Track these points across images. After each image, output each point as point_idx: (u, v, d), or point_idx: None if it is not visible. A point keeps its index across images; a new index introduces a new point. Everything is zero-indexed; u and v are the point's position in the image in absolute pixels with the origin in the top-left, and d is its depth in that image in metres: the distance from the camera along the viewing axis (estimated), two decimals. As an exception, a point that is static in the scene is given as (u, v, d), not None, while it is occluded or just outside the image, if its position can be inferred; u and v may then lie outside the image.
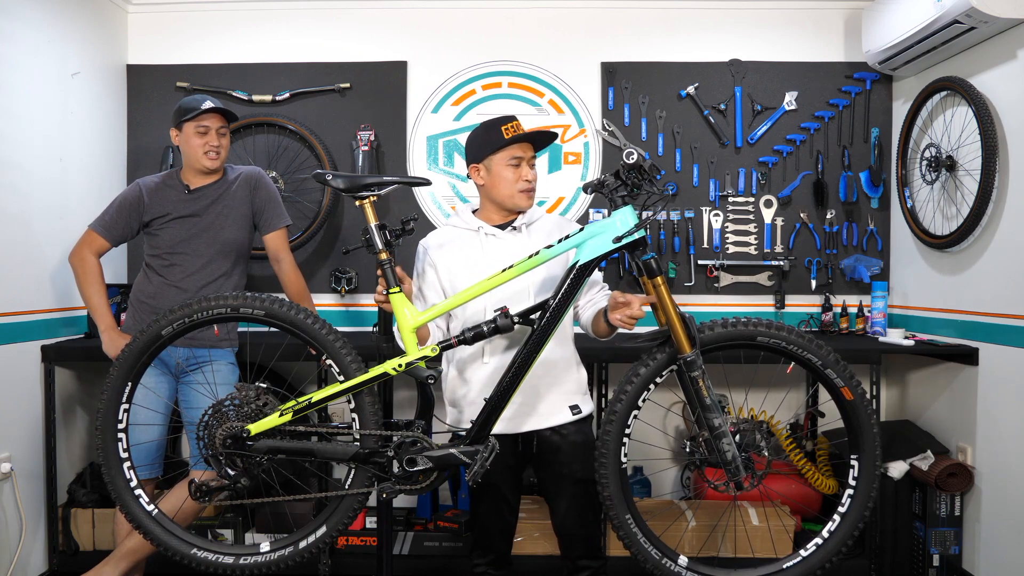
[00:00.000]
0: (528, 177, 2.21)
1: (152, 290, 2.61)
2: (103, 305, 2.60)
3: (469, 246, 2.24)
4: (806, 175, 3.46)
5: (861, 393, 1.94)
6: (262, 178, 2.72)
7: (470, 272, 2.15)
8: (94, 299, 2.60)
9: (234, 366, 2.69)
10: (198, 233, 2.60)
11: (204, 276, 2.60)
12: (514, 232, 2.24)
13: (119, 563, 2.51)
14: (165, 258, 2.60)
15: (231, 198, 2.65)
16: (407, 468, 1.96)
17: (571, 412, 2.22)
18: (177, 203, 2.61)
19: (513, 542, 2.40)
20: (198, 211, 2.61)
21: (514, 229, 2.24)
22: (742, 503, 3.06)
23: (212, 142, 2.59)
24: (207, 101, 2.59)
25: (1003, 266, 2.75)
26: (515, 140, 2.18)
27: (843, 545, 1.97)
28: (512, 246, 2.20)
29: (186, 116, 2.57)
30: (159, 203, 2.60)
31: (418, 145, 3.52)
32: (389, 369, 1.96)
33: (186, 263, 2.59)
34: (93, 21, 3.25)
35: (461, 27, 3.51)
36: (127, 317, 2.68)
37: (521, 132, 2.19)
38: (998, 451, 2.78)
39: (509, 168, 2.19)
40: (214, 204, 2.63)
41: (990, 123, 2.72)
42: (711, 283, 3.48)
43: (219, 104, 2.61)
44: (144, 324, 2.38)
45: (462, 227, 2.28)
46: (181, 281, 2.59)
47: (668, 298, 1.91)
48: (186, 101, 2.62)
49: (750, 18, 3.49)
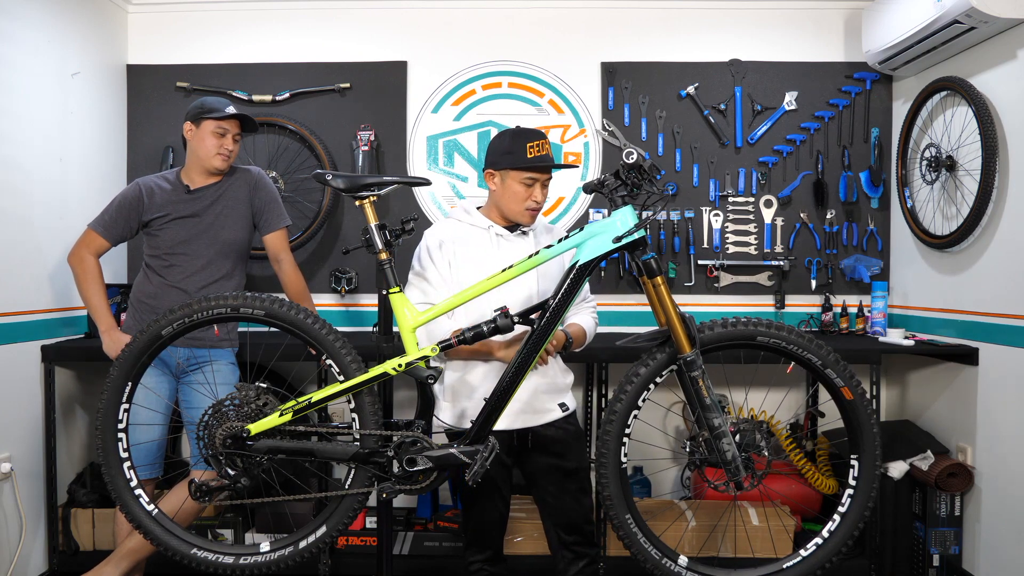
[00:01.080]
0: (537, 198, 2.24)
1: (152, 290, 2.60)
2: (103, 306, 2.60)
3: (481, 244, 2.27)
4: (806, 175, 3.46)
5: (861, 393, 1.94)
6: (262, 178, 2.72)
7: (480, 270, 2.15)
8: (94, 300, 2.60)
9: (234, 366, 2.69)
10: (198, 234, 2.60)
11: (205, 277, 2.60)
12: (524, 235, 2.29)
13: (119, 563, 2.51)
14: (165, 259, 2.60)
15: (231, 198, 2.65)
16: (407, 468, 1.96)
17: (560, 409, 2.29)
18: (177, 203, 2.60)
19: (508, 540, 2.42)
20: (198, 211, 2.60)
21: (524, 233, 2.29)
22: (742, 503, 3.06)
23: (228, 145, 2.59)
24: (231, 106, 2.61)
25: (1003, 266, 2.75)
26: (534, 167, 2.21)
27: (843, 545, 1.96)
28: (524, 248, 2.24)
29: (209, 114, 2.56)
30: (159, 203, 2.59)
31: (418, 145, 3.52)
32: (389, 369, 1.96)
33: (186, 264, 2.59)
34: (93, 21, 3.25)
35: (461, 27, 3.51)
36: (127, 317, 2.68)
37: (545, 156, 2.21)
38: (998, 451, 2.78)
39: (522, 186, 2.23)
40: (214, 204, 2.62)
41: (990, 123, 2.72)
42: (711, 283, 3.48)
43: (244, 113, 2.63)
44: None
45: (468, 223, 2.30)
46: (182, 282, 2.58)
47: (668, 298, 1.91)
48: (210, 100, 2.62)
49: (750, 18, 3.49)
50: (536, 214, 2.28)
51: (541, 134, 2.24)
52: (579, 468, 2.30)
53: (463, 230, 2.29)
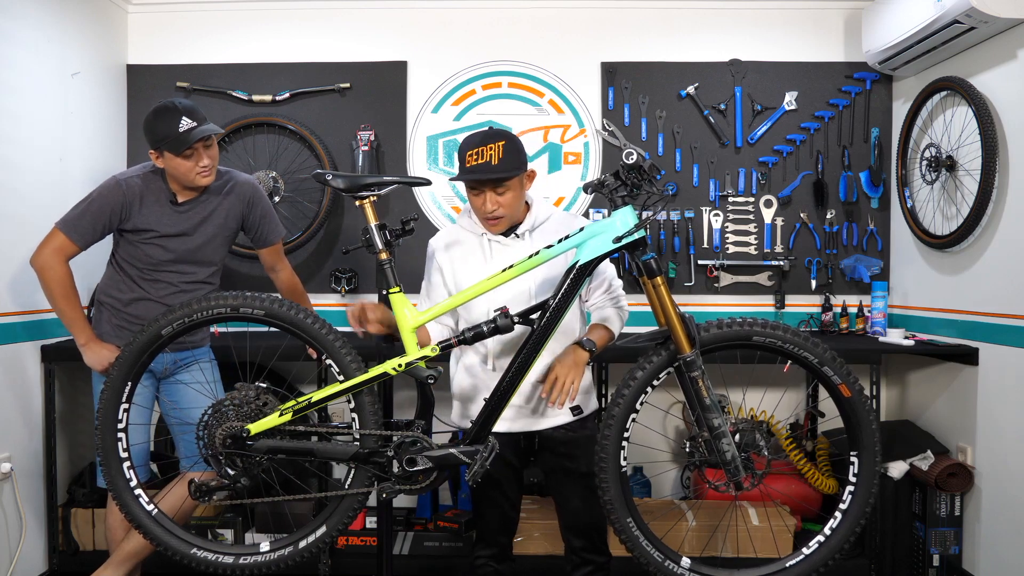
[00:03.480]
0: (487, 208, 2.10)
1: (130, 298, 2.46)
2: (79, 317, 2.40)
3: (474, 250, 2.22)
4: (806, 175, 3.46)
5: (859, 390, 1.94)
6: (257, 192, 2.57)
7: (475, 275, 2.11)
8: (69, 312, 2.38)
9: (215, 361, 2.65)
10: (187, 253, 2.46)
11: (190, 289, 2.49)
12: (517, 239, 2.19)
13: (120, 566, 2.47)
14: (147, 273, 2.45)
15: (222, 215, 2.49)
16: (407, 468, 1.96)
17: (572, 414, 2.21)
18: (163, 219, 2.41)
19: (514, 541, 2.40)
20: (187, 230, 2.44)
21: (517, 236, 2.19)
22: (742, 503, 3.06)
23: (202, 162, 2.35)
24: (184, 121, 2.29)
25: (1003, 266, 2.75)
26: (461, 178, 2.10)
27: (845, 542, 1.97)
28: (518, 252, 2.14)
29: (165, 145, 2.30)
30: (143, 216, 2.40)
31: (418, 145, 3.52)
32: (389, 369, 1.96)
33: (172, 279, 2.47)
34: (93, 21, 3.25)
35: (461, 27, 3.51)
36: (99, 320, 2.50)
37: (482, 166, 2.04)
38: (998, 451, 2.78)
39: (474, 196, 2.12)
40: (204, 223, 2.47)
41: (990, 123, 2.71)
42: (711, 283, 3.48)
43: (202, 128, 2.31)
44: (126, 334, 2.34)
45: (467, 229, 2.25)
46: (166, 297, 2.44)
47: (668, 298, 1.91)
48: (160, 126, 2.30)
49: (750, 18, 3.49)
50: (498, 222, 2.14)
51: (489, 137, 2.07)
52: (589, 472, 2.11)
53: (458, 235, 2.26)
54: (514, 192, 2.11)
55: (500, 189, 2.09)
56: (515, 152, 2.08)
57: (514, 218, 2.18)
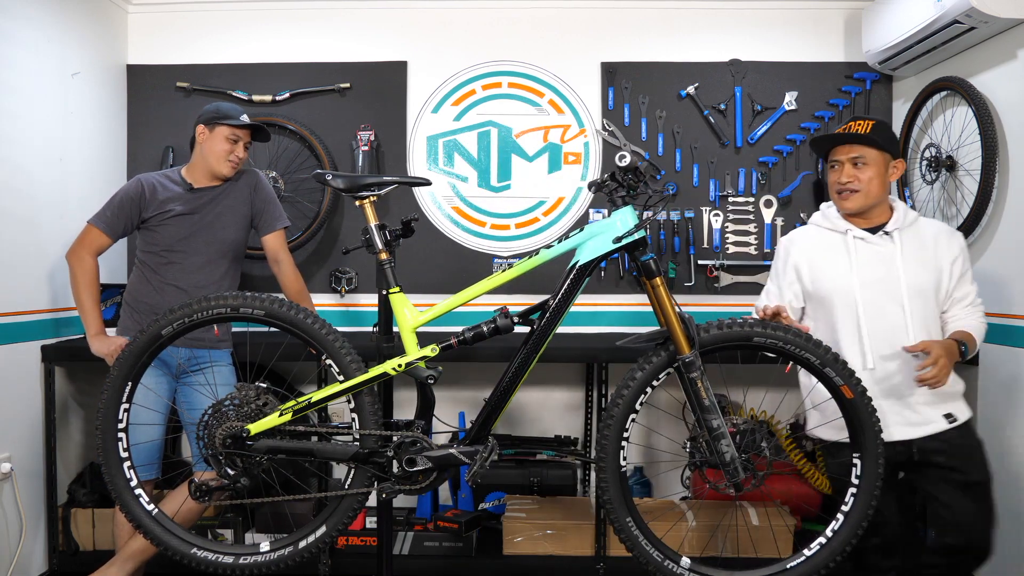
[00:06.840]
0: (841, 179, 2.21)
1: (149, 290, 2.60)
2: (94, 309, 2.59)
3: (836, 247, 2.26)
4: (806, 175, 3.46)
5: (862, 391, 1.94)
6: (261, 179, 2.75)
7: (835, 272, 2.20)
8: (86, 302, 2.58)
9: (233, 367, 2.69)
10: (197, 231, 2.60)
11: (203, 276, 2.60)
12: (886, 237, 2.23)
13: (124, 565, 2.49)
14: (163, 255, 2.60)
15: (231, 198, 2.66)
16: (407, 468, 1.96)
17: (946, 420, 2.21)
18: (177, 200, 2.60)
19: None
20: (198, 209, 2.61)
21: (886, 234, 2.24)
22: (742, 503, 3.06)
23: (238, 153, 2.62)
24: (246, 115, 2.65)
25: (1003, 266, 2.75)
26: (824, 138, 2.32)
27: (847, 543, 1.97)
28: (883, 252, 2.21)
29: (224, 120, 2.59)
30: (160, 199, 2.59)
31: (418, 145, 3.52)
32: (389, 369, 1.96)
33: (185, 261, 2.59)
34: (93, 21, 3.25)
35: (461, 27, 3.51)
36: (123, 319, 2.66)
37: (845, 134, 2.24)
38: (998, 451, 2.78)
39: (831, 172, 2.28)
40: (214, 203, 2.63)
41: (990, 123, 2.71)
42: (711, 283, 3.48)
43: (259, 123, 2.67)
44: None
45: (827, 228, 2.31)
46: (179, 280, 2.58)
47: (668, 298, 1.91)
48: (225, 106, 2.66)
49: (750, 18, 3.49)
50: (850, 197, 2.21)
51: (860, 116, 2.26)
52: (983, 481, 2.25)
53: (818, 234, 2.32)
54: (874, 171, 2.19)
55: (860, 164, 2.18)
56: (885, 131, 2.22)
57: (868, 202, 2.22)
